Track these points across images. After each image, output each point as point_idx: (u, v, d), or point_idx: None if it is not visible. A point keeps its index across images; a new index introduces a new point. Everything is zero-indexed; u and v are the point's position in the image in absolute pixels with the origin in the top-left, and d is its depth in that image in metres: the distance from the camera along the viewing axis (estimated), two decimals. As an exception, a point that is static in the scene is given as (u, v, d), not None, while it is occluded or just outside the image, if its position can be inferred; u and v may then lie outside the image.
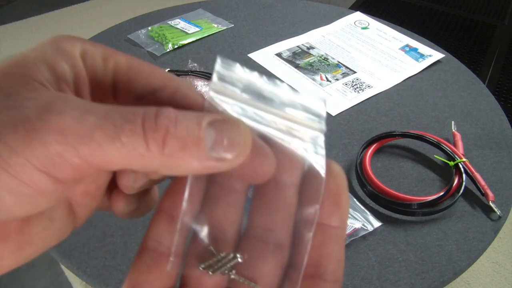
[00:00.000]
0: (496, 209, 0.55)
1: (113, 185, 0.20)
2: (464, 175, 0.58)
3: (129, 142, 0.15)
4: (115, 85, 0.19)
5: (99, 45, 0.19)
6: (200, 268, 0.18)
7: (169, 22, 0.93)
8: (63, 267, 1.16)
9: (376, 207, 0.56)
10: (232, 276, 0.19)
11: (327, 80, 0.78)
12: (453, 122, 0.68)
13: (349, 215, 0.54)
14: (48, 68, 0.17)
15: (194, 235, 0.19)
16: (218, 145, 0.16)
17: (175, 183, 0.19)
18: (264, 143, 0.18)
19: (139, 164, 0.16)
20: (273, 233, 0.19)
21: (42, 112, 0.15)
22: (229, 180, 0.19)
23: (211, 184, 0.19)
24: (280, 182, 0.19)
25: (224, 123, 0.16)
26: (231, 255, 0.19)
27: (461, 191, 0.57)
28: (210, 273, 0.18)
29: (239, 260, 0.19)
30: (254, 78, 0.18)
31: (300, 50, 0.85)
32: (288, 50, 0.85)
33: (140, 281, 0.18)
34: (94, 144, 0.15)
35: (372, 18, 0.96)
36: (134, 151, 0.15)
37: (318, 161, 0.19)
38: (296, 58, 0.83)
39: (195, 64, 0.79)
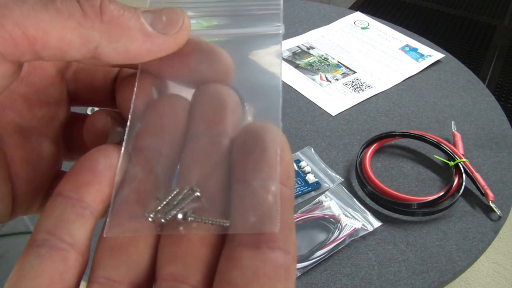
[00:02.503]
0: (496, 209, 0.55)
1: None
2: (464, 175, 0.58)
3: (63, 8, 0.15)
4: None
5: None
6: (149, 219, 0.15)
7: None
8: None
9: (376, 207, 0.56)
10: (191, 219, 0.15)
11: (327, 80, 0.78)
12: (453, 122, 0.68)
13: (349, 215, 0.54)
14: None
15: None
16: (157, 22, 0.16)
17: (79, 163, 0.16)
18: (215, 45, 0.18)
19: (77, 35, 0.15)
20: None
21: None
22: (156, 138, 0.17)
23: (135, 154, 0.17)
24: (213, 135, 0.16)
25: (159, 9, 0.17)
26: (186, 190, 0.15)
27: (461, 191, 0.57)
28: (162, 220, 0.15)
29: (198, 194, 0.15)
30: None
31: (300, 50, 0.85)
32: (288, 50, 0.85)
33: None
34: (26, 7, 0.14)
35: (372, 18, 0.96)
36: (71, 18, 0.15)
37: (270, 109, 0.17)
38: (296, 58, 0.83)
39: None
